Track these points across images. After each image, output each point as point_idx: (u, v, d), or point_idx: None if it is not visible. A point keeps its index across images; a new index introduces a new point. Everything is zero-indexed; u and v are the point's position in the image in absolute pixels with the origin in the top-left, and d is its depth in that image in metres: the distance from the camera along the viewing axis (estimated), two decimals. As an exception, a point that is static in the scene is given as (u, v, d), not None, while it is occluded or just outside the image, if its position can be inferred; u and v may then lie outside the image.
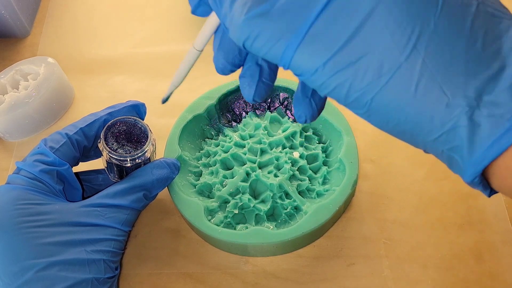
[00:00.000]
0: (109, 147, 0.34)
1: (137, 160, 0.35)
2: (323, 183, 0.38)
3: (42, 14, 0.55)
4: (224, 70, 0.25)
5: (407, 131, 0.20)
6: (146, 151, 0.35)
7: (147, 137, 0.35)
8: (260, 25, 0.20)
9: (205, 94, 0.41)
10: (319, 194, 0.37)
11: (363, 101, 0.20)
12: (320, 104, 0.25)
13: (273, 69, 0.25)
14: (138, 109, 0.37)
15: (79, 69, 0.50)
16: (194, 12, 0.24)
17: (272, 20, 0.19)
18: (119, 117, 0.35)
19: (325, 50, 0.19)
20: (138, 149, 0.35)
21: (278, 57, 0.20)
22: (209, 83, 0.46)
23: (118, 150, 0.34)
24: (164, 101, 0.32)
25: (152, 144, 0.35)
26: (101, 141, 0.34)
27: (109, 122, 0.35)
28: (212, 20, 0.24)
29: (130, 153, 0.34)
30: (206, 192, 0.38)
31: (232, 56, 0.24)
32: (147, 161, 0.36)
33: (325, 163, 0.39)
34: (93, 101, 0.47)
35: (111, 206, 0.33)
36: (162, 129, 0.42)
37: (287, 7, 0.19)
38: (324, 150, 0.40)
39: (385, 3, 0.18)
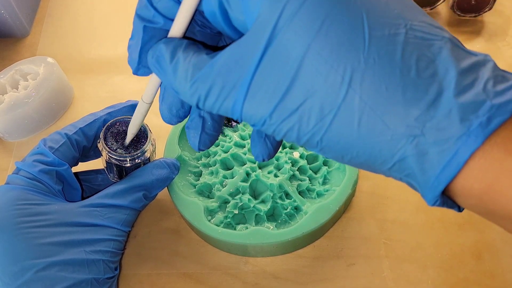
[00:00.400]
0: (108, 147, 0.34)
1: (136, 160, 0.35)
2: (323, 183, 0.38)
3: (41, 14, 0.55)
4: (171, 122, 0.26)
5: (363, 163, 0.20)
6: (145, 151, 0.35)
7: (147, 137, 0.35)
8: (205, 88, 0.21)
9: (205, 94, 0.41)
10: (319, 194, 0.37)
11: (314, 142, 0.20)
12: (275, 144, 0.26)
13: (217, 120, 0.26)
14: (138, 109, 0.37)
15: (78, 69, 0.50)
16: (135, 73, 0.25)
17: (215, 82, 0.21)
18: (119, 117, 0.35)
19: (268, 102, 0.20)
20: (137, 149, 0.35)
21: (229, 112, 0.21)
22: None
23: (118, 150, 0.34)
24: (125, 145, 0.35)
25: (152, 144, 0.35)
26: (100, 141, 0.34)
27: (109, 122, 0.35)
28: (156, 77, 0.25)
29: (129, 153, 0.34)
30: (206, 192, 0.38)
31: (175, 110, 0.25)
32: (147, 161, 0.36)
33: (325, 163, 0.39)
34: (92, 101, 0.47)
35: (110, 206, 0.33)
36: (162, 129, 0.42)
37: (226, 67, 0.20)
38: (324, 150, 0.40)
39: (314, 48, 0.18)
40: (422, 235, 0.37)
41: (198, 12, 0.23)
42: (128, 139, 0.34)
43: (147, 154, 0.35)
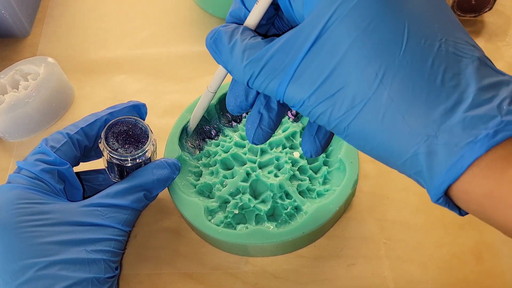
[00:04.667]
0: (109, 147, 0.34)
1: (137, 160, 0.35)
2: (324, 183, 0.38)
3: (42, 14, 0.55)
4: (233, 111, 0.29)
5: (381, 155, 0.23)
6: (146, 151, 0.35)
7: (148, 137, 0.35)
8: (258, 68, 0.24)
9: (205, 94, 0.41)
10: (319, 194, 0.37)
11: (341, 127, 0.23)
12: (324, 142, 0.29)
13: (273, 119, 0.28)
14: (139, 109, 0.37)
15: (79, 69, 0.50)
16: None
17: (267, 64, 0.23)
18: (120, 117, 0.35)
19: (309, 86, 0.22)
20: (138, 149, 0.35)
21: (274, 92, 0.24)
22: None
23: (119, 149, 0.34)
24: (189, 133, 0.39)
25: (153, 144, 0.35)
26: (101, 141, 0.34)
27: (110, 122, 0.35)
28: (222, 69, 0.28)
29: (130, 152, 0.34)
30: (206, 192, 0.38)
31: (239, 101, 0.28)
32: (148, 161, 0.36)
33: (325, 163, 0.39)
34: (93, 101, 0.47)
35: (111, 206, 0.33)
36: (162, 130, 0.42)
37: (278, 53, 0.23)
38: (324, 150, 0.40)
39: (357, 44, 0.21)
40: (422, 235, 0.37)
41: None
42: (192, 126, 0.38)
43: (148, 154, 0.35)
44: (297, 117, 0.41)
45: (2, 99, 0.43)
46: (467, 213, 0.23)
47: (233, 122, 0.42)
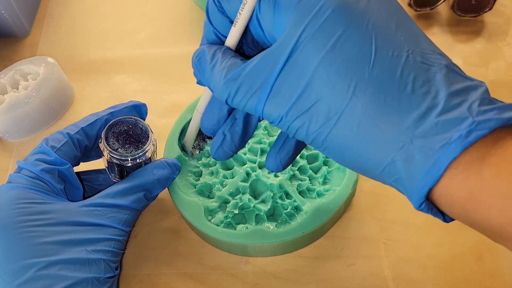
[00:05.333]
0: (110, 147, 0.34)
1: (137, 160, 0.35)
2: (324, 183, 0.38)
3: (42, 14, 0.55)
4: (207, 132, 0.30)
5: (360, 166, 0.23)
6: (146, 151, 0.35)
7: (148, 137, 0.35)
8: (235, 86, 0.24)
9: (205, 94, 0.41)
10: (319, 194, 0.37)
11: (319, 141, 0.23)
12: (284, 161, 0.30)
13: (235, 142, 0.29)
14: (139, 109, 0.37)
15: (79, 69, 0.50)
16: (198, 83, 0.28)
17: (244, 82, 0.24)
18: (120, 117, 0.35)
19: (285, 103, 0.23)
20: (139, 149, 0.35)
21: (253, 109, 0.25)
22: (209, 83, 0.46)
23: (119, 149, 0.34)
24: (188, 154, 0.39)
25: (153, 144, 0.35)
26: (102, 141, 0.34)
27: (110, 122, 0.35)
28: (208, 91, 0.29)
29: (131, 152, 0.34)
30: (206, 192, 0.38)
31: (211, 124, 0.29)
32: (148, 161, 0.36)
33: (325, 163, 0.39)
34: (93, 101, 0.47)
35: (111, 206, 0.33)
36: (162, 130, 0.42)
37: (254, 71, 0.24)
38: (324, 150, 0.40)
39: (326, 60, 0.22)
40: (422, 235, 0.37)
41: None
42: (189, 147, 0.38)
43: (148, 154, 0.35)
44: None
45: (2, 99, 0.43)
46: (452, 219, 0.23)
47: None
